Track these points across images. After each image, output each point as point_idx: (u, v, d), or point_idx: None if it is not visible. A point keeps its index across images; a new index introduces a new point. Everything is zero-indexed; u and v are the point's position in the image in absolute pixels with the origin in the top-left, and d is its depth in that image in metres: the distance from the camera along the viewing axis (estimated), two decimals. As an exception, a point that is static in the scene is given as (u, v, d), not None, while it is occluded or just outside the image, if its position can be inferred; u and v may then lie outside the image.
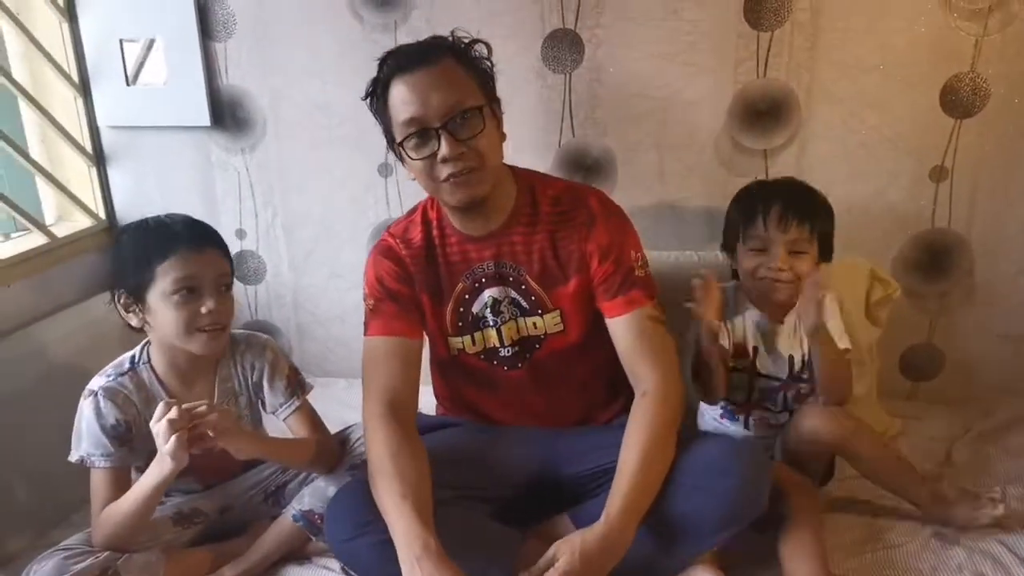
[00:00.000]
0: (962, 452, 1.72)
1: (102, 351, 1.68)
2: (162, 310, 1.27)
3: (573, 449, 1.42)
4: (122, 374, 1.33)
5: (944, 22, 1.66)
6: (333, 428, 1.50)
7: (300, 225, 2.09)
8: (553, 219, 1.36)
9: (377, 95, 1.31)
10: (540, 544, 1.29)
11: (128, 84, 2.00)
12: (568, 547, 1.18)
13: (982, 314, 1.87)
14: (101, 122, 2.06)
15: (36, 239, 1.92)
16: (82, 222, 2.08)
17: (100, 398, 1.30)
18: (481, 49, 1.32)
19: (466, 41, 1.31)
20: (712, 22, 1.74)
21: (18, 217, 1.87)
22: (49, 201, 2.08)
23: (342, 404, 1.84)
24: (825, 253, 1.47)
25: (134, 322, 1.31)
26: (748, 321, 1.52)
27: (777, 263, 1.41)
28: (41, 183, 2.02)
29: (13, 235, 1.96)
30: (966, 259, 1.84)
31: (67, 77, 2.00)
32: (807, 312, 1.39)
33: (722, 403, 1.56)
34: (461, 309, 1.41)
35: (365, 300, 1.41)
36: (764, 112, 1.78)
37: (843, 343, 1.45)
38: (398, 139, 1.28)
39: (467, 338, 1.43)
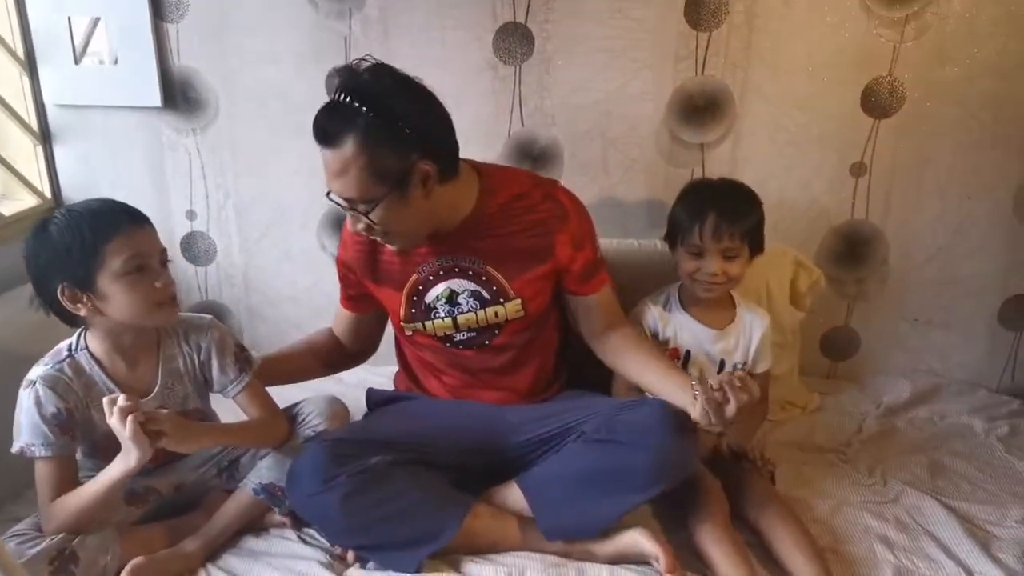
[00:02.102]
0: (872, 425, 1.87)
1: (48, 331, 1.69)
2: (117, 292, 1.25)
3: (519, 419, 1.51)
4: (60, 361, 1.31)
5: (866, 29, 1.79)
6: (282, 404, 1.54)
7: (252, 207, 2.11)
8: (518, 213, 1.44)
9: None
10: (489, 509, 1.39)
11: (76, 62, 1.98)
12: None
13: (895, 299, 2.04)
14: (48, 100, 2.04)
15: (-21, 217, 1.90)
16: (27, 201, 2.06)
17: (39, 387, 1.27)
18: (405, 106, 1.28)
19: (390, 104, 1.27)
20: (655, 21, 1.83)
21: (-39, 195, 1.85)
22: (-7, 179, 2.05)
23: (294, 385, 1.88)
24: (755, 247, 1.59)
25: (83, 312, 1.27)
26: (684, 327, 1.64)
27: (712, 269, 1.54)
28: (-16, 161, 2.00)
29: (-45, 213, 1.94)
30: (881, 248, 1.99)
31: (12, 53, 1.97)
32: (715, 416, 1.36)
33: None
34: (414, 298, 1.49)
35: None
36: (702, 108, 1.89)
37: (768, 363, 1.65)
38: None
39: (418, 325, 1.50)
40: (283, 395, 1.55)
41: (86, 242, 1.23)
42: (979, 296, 2.00)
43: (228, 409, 1.48)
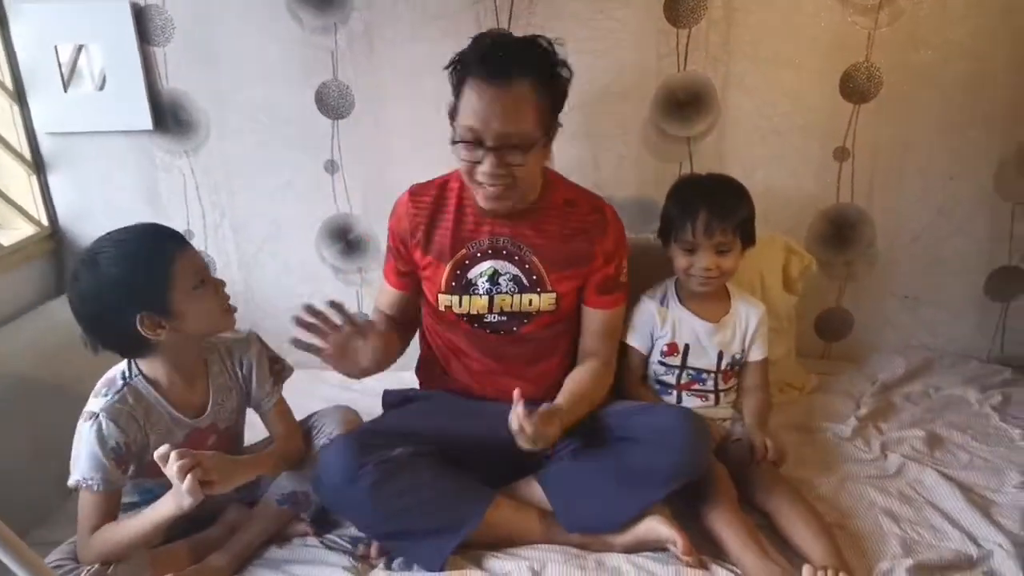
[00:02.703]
0: (869, 402, 1.92)
1: (61, 356, 1.72)
2: (193, 307, 1.29)
3: None
4: (118, 391, 1.31)
5: (841, 17, 1.84)
6: (298, 416, 1.57)
7: (248, 224, 2.14)
8: (569, 216, 1.52)
9: (456, 71, 1.38)
10: (510, 502, 1.44)
11: (65, 90, 2.00)
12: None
13: (883, 278, 2.09)
14: (39, 128, 2.05)
15: (-22, 249, 1.92)
16: (24, 230, 2.07)
17: (103, 420, 1.28)
18: (564, 71, 1.40)
19: (555, 61, 1.37)
20: (636, 20, 1.87)
21: (-42, 228, 1.86)
22: (-11, 210, 2.07)
23: (303, 394, 1.88)
24: (747, 239, 1.63)
25: (162, 336, 1.28)
26: (682, 322, 1.68)
27: (705, 264, 1.59)
28: (-21, 193, 2.01)
29: (-47, 246, 1.95)
30: (868, 230, 2.04)
31: (0, 84, 1.98)
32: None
33: (655, 384, 1.73)
34: (458, 272, 1.53)
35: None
36: (685, 102, 1.93)
37: (764, 352, 1.70)
38: (454, 135, 1.39)
39: (455, 298, 1.54)
40: (293, 405, 1.57)
41: (153, 268, 1.26)
42: (965, 271, 2.06)
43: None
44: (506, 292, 1.53)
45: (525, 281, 1.53)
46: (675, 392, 1.70)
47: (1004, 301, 2.08)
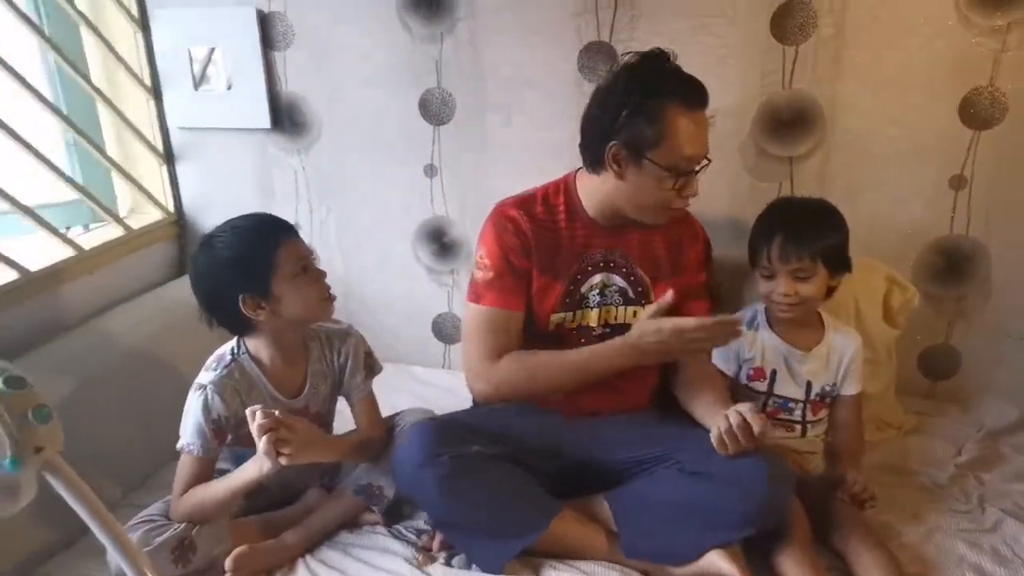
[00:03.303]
0: (972, 449, 1.80)
1: (174, 332, 1.87)
2: (291, 293, 1.38)
3: (616, 437, 1.54)
4: (227, 366, 1.43)
5: (963, 38, 1.72)
6: (380, 408, 1.64)
7: (351, 221, 2.24)
8: (667, 226, 1.57)
9: (640, 99, 1.39)
10: (575, 515, 1.44)
11: (195, 88, 2.17)
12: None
13: (998, 317, 1.94)
14: (171, 123, 2.24)
15: (113, 231, 2.11)
16: (153, 215, 2.26)
17: (209, 392, 1.39)
18: None
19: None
20: (740, 36, 1.83)
21: (97, 210, 2.05)
22: (124, 196, 2.26)
23: (389, 388, 1.96)
24: (839, 266, 1.56)
25: (262, 317, 1.38)
26: (769, 347, 1.63)
27: (782, 290, 1.54)
28: (116, 179, 2.21)
29: (92, 227, 2.15)
30: (983, 264, 1.90)
31: (140, 82, 2.17)
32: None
33: None
34: (571, 287, 1.55)
35: (479, 269, 1.55)
36: (789, 122, 1.87)
37: (858, 387, 1.63)
38: (665, 162, 1.40)
39: (569, 314, 1.57)
40: (379, 399, 1.63)
41: (260, 252, 1.37)
42: (1092, 315, 1.89)
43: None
44: (612, 304, 1.57)
45: (631, 293, 1.57)
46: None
47: None
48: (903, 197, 1.88)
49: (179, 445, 1.41)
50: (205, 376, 1.42)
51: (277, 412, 1.30)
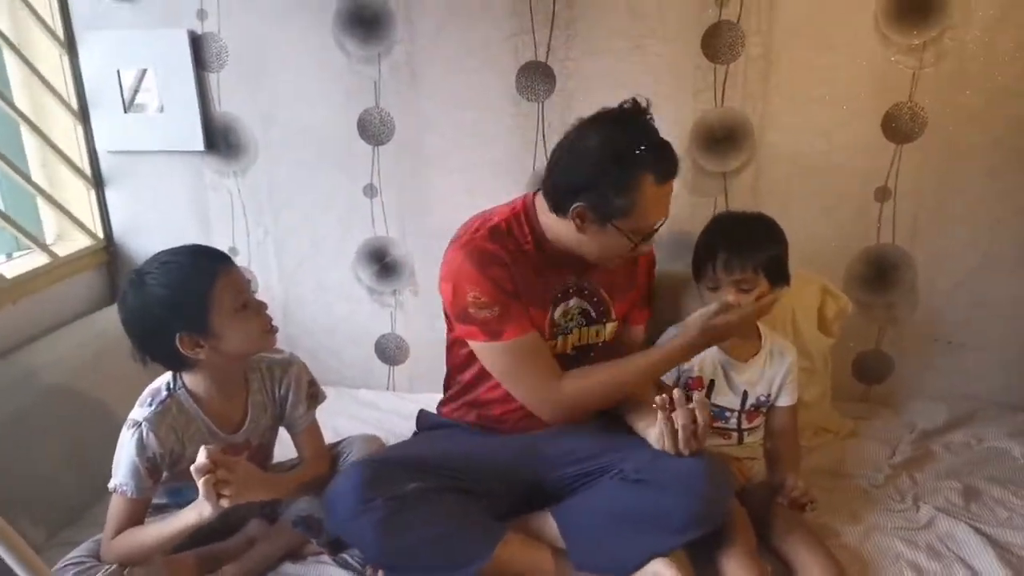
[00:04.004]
0: (906, 450, 1.85)
1: (104, 363, 1.80)
2: (230, 329, 1.33)
3: (557, 453, 1.54)
4: (162, 402, 1.37)
5: (883, 56, 1.81)
6: (326, 435, 1.61)
7: (289, 242, 2.20)
8: None
9: (614, 170, 1.37)
10: (520, 538, 1.43)
11: (125, 111, 2.11)
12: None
13: (926, 322, 2.02)
14: (100, 147, 2.17)
15: (38, 258, 2.02)
16: (81, 241, 2.18)
17: (144, 430, 1.33)
18: None
19: None
20: (673, 55, 1.87)
21: (20, 237, 1.97)
22: (50, 222, 2.18)
23: (333, 412, 1.95)
24: (779, 278, 1.59)
25: (202, 355, 1.33)
26: (709, 357, 1.66)
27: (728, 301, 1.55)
28: (42, 205, 2.13)
29: (15, 255, 2.06)
30: (910, 272, 1.98)
31: (67, 105, 2.10)
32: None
33: None
34: (551, 316, 1.55)
35: (480, 309, 1.45)
36: (721, 138, 1.92)
37: (793, 398, 1.67)
38: (629, 229, 1.41)
39: (555, 341, 1.57)
40: (327, 429, 1.61)
41: (196, 290, 1.31)
42: (1013, 317, 1.98)
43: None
44: (576, 326, 1.58)
45: (593, 314, 1.58)
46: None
47: (1054, 351, 2.00)
48: (832, 209, 1.95)
49: (111, 485, 1.34)
50: (139, 412, 1.36)
51: (209, 448, 1.24)
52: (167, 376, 1.42)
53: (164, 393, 1.38)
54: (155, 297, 1.31)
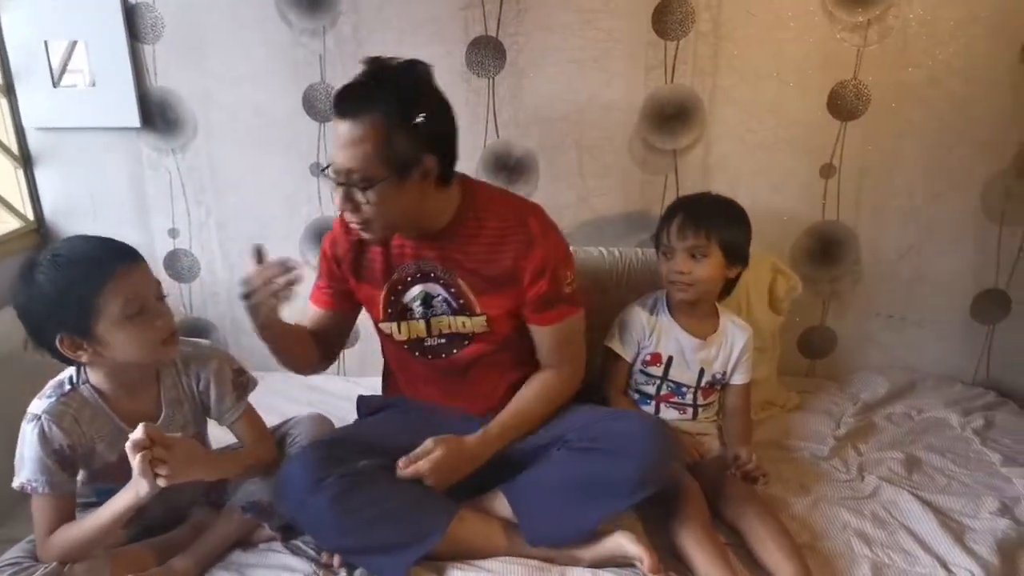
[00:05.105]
0: (849, 422, 1.90)
1: (28, 354, 1.70)
2: (117, 337, 1.22)
3: None
4: (64, 394, 1.28)
5: (829, 33, 1.83)
6: (273, 419, 1.57)
7: (234, 223, 2.14)
8: (492, 233, 1.45)
9: None
10: (475, 514, 1.42)
11: (55, 85, 2.00)
12: (445, 445, 1.41)
13: (869, 297, 2.07)
14: (27, 123, 2.05)
15: (-38, 241, 1.92)
16: (10, 223, 2.07)
17: (45, 422, 1.25)
18: (429, 102, 1.32)
19: (415, 97, 1.31)
20: (624, 31, 1.86)
21: (-57, 220, 1.87)
22: (-26, 203, 2.07)
23: (281, 396, 1.91)
24: (736, 260, 1.62)
25: (84, 359, 1.24)
26: (668, 333, 1.67)
27: (677, 267, 1.59)
28: (-35, 185, 2.02)
29: (-63, 238, 1.95)
30: (853, 248, 2.03)
31: (-11, 78, 1.99)
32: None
33: (635, 393, 1.72)
34: (392, 297, 1.52)
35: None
36: (672, 115, 1.93)
37: (747, 376, 1.70)
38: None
39: (394, 325, 1.53)
40: (272, 411, 1.57)
41: (79, 292, 1.19)
42: (951, 292, 2.04)
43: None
44: (441, 314, 1.51)
45: (454, 304, 1.50)
46: (653, 403, 1.69)
47: (990, 323, 2.07)
48: (779, 186, 1.98)
49: (16, 483, 1.26)
50: (38, 405, 1.27)
51: (147, 424, 1.19)
52: (71, 369, 1.33)
53: (67, 387, 1.30)
54: (39, 292, 1.20)
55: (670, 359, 1.67)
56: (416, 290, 1.50)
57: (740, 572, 1.36)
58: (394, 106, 1.29)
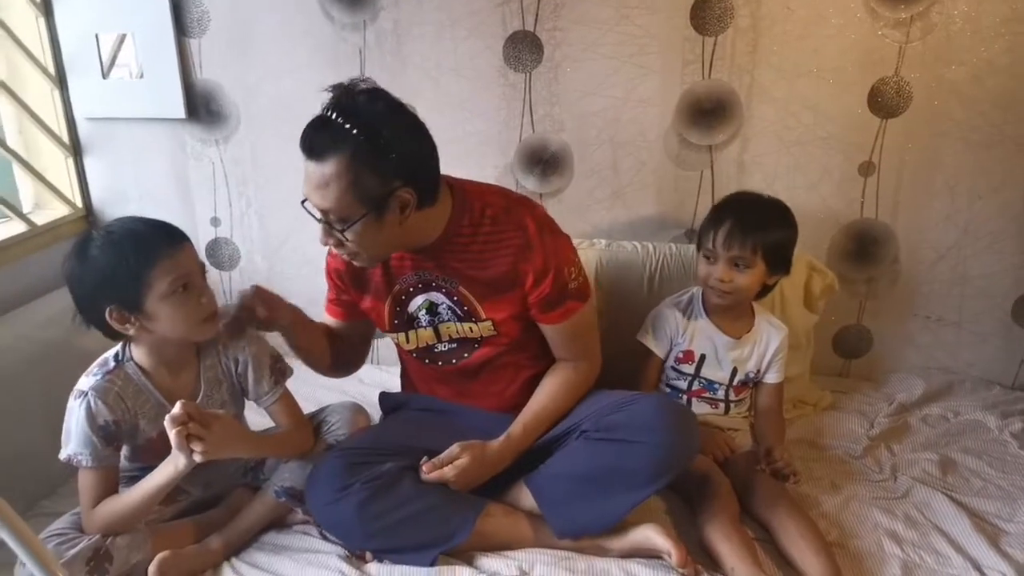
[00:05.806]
0: (884, 422, 1.88)
1: (81, 334, 1.77)
2: (164, 312, 1.28)
3: None
4: (109, 372, 1.33)
5: (871, 30, 1.81)
6: (308, 406, 1.60)
7: (273, 214, 2.18)
8: (488, 238, 1.42)
9: None
10: (502, 507, 1.44)
11: (104, 77, 2.06)
12: (471, 452, 1.41)
13: (906, 297, 2.04)
14: (77, 113, 2.12)
15: (15, 227, 1.98)
16: (60, 210, 2.14)
17: (91, 398, 1.30)
18: (395, 133, 1.27)
19: (381, 130, 1.26)
20: (661, 26, 1.86)
21: (-2, 205, 1.93)
22: (27, 190, 2.14)
23: (315, 384, 1.94)
24: (778, 265, 1.60)
25: (131, 332, 1.30)
26: (702, 332, 1.67)
27: (718, 274, 1.58)
28: (19, 172, 2.08)
29: (-8, 223, 2.03)
30: (892, 247, 2.00)
31: (43, 70, 2.05)
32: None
33: (666, 388, 1.72)
34: (397, 308, 1.52)
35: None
36: (709, 111, 1.92)
37: (781, 376, 1.69)
38: None
39: (402, 335, 1.54)
40: (309, 400, 1.60)
41: (132, 267, 1.25)
42: (991, 294, 2.00)
43: (256, 411, 1.54)
44: (448, 320, 1.50)
45: (458, 311, 1.48)
46: (685, 398, 1.70)
47: (1031, 327, 2.03)
48: (816, 183, 1.96)
49: (63, 455, 1.31)
50: (85, 382, 1.33)
51: (185, 402, 1.23)
52: (117, 347, 1.38)
53: (112, 364, 1.35)
54: (93, 265, 1.27)
55: (703, 357, 1.67)
56: (420, 300, 1.50)
57: (768, 567, 1.36)
58: (361, 144, 1.24)
